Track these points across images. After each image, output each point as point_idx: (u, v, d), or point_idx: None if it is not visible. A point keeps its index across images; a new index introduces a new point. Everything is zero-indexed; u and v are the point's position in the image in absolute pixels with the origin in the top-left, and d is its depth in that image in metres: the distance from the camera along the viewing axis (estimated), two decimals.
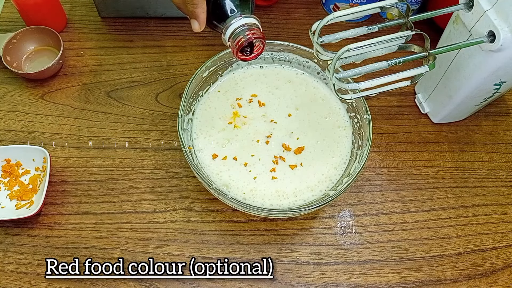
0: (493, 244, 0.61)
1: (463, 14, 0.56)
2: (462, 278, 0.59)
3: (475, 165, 0.68)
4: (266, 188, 0.57)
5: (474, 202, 0.64)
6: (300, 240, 0.60)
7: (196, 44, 0.76)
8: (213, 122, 0.62)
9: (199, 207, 0.61)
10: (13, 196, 0.60)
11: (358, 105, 0.60)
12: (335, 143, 0.61)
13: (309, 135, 0.61)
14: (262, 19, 0.78)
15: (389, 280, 0.58)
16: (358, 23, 0.81)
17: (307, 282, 0.57)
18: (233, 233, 0.60)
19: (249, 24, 0.48)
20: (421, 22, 0.55)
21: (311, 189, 0.58)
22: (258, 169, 0.58)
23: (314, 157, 0.60)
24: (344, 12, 0.49)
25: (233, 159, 0.59)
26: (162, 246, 0.59)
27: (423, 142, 0.69)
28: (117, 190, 0.62)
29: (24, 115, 0.67)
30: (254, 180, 0.58)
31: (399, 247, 0.60)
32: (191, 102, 0.61)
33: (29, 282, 0.56)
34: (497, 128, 0.71)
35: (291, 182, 0.58)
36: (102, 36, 0.76)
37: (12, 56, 0.69)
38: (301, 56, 0.64)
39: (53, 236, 0.59)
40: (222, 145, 0.60)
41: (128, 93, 0.70)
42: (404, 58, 0.49)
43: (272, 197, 0.57)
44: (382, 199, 0.64)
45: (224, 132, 0.61)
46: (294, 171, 0.59)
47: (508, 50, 0.51)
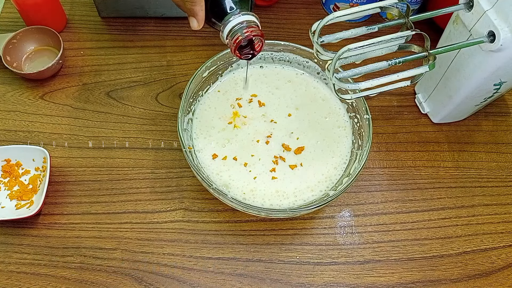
0: (493, 244, 0.61)
1: (463, 14, 0.56)
2: (462, 278, 0.59)
3: (475, 165, 0.68)
4: (266, 188, 0.57)
5: (474, 202, 0.64)
6: (300, 240, 0.60)
7: (196, 44, 0.76)
8: (213, 122, 0.62)
9: (199, 207, 0.61)
10: (13, 196, 0.60)
11: (358, 105, 0.60)
12: (335, 143, 0.61)
13: (309, 135, 0.61)
14: (262, 19, 0.78)
15: (389, 280, 0.58)
16: (358, 23, 0.81)
17: (307, 282, 0.57)
18: (233, 233, 0.60)
19: (247, 22, 0.47)
20: (421, 22, 0.55)
21: (311, 189, 0.58)
22: (258, 169, 0.58)
23: (314, 157, 0.60)
24: (344, 12, 0.49)
25: (233, 159, 0.59)
26: (162, 246, 0.59)
27: (423, 142, 0.69)
28: (117, 190, 0.62)
29: (24, 115, 0.67)
30: (254, 180, 0.58)
31: (399, 247, 0.60)
32: (191, 102, 0.61)
33: (29, 282, 0.56)
34: (497, 128, 0.71)
35: (291, 182, 0.58)
36: (102, 36, 0.76)
37: (12, 56, 0.69)
38: (301, 56, 0.64)
39: (53, 236, 0.59)
40: (222, 145, 0.60)
41: (128, 93, 0.70)
42: (404, 58, 0.49)
43: (272, 197, 0.57)
44: (382, 199, 0.64)
45: (224, 132, 0.61)
46: (294, 171, 0.59)
47: (508, 50, 0.51)
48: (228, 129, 0.61)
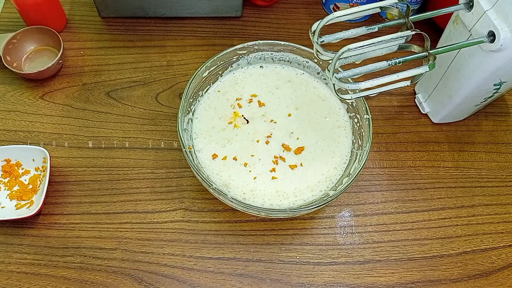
0: (493, 244, 0.61)
1: (463, 14, 0.56)
2: (462, 278, 0.59)
3: (475, 165, 0.68)
4: (266, 188, 0.57)
5: (474, 202, 0.65)
6: (300, 240, 0.60)
7: (196, 44, 0.76)
8: (213, 122, 0.62)
9: (199, 207, 0.61)
10: (13, 196, 0.60)
11: (358, 105, 0.60)
12: (335, 143, 0.61)
13: (309, 135, 0.61)
14: (262, 19, 0.78)
15: (389, 280, 0.58)
16: (358, 23, 0.81)
17: (307, 282, 0.57)
18: (233, 233, 0.60)
19: None
20: (421, 22, 0.55)
21: (311, 189, 0.58)
22: (258, 169, 0.58)
23: (314, 157, 0.60)
24: (344, 12, 0.49)
25: (233, 159, 0.59)
26: (162, 246, 0.59)
27: (423, 142, 0.69)
28: (117, 190, 0.62)
29: (24, 115, 0.67)
30: (254, 180, 0.58)
31: (399, 247, 0.60)
32: (191, 102, 0.61)
33: (29, 282, 0.56)
34: (497, 128, 0.71)
35: (291, 182, 0.58)
36: (102, 36, 0.76)
37: (12, 56, 0.69)
38: (301, 56, 0.64)
39: (53, 236, 0.59)
40: (222, 145, 0.60)
41: (128, 93, 0.70)
42: (404, 58, 0.49)
43: (272, 197, 0.57)
44: (382, 199, 0.64)
45: (224, 132, 0.61)
46: (294, 171, 0.59)
47: (508, 50, 0.51)
48: (228, 129, 0.61)
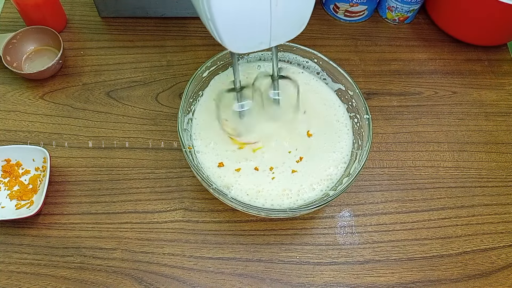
0: (493, 244, 0.61)
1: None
2: (462, 278, 0.59)
3: (475, 165, 0.68)
4: (267, 188, 0.57)
5: (474, 202, 0.65)
6: (300, 240, 0.60)
7: (196, 44, 0.76)
8: (213, 122, 0.61)
9: (199, 207, 0.61)
10: (13, 196, 0.60)
11: (358, 105, 0.60)
12: (335, 143, 0.61)
13: (308, 135, 0.61)
14: None
15: (389, 280, 0.58)
16: (358, 23, 0.80)
17: (307, 282, 0.57)
18: (233, 233, 0.60)
19: None
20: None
21: (311, 189, 0.58)
22: (259, 169, 0.58)
23: (314, 157, 0.60)
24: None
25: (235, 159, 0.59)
26: (162, 246, 0.59)
27: (423, 142, 0.69)
28: (117, 190, 0.62)
29: (24, 115, 0.67)
30: (255, 180, 0.58)
31: (399, 247, 0.60)
32: (191, 102, 0.61)
33: (29, 282, 0.56)
34: (497, 128, 0.71)
35: (292, 182, 0.58)
36: (102, 36, 0.76)
37: (12, 56, 0.69)
38: (301, 56, 0.64)
39: (53, 236, 0.59)
40: (222, 145, 0.60)
41: (128, 93, 0.70)
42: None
43: (273, 197, 0.57)
44: (382, 199, 0.64)
45: (224, 131, 0.61)
46: (295, 171, 0.59)
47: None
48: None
